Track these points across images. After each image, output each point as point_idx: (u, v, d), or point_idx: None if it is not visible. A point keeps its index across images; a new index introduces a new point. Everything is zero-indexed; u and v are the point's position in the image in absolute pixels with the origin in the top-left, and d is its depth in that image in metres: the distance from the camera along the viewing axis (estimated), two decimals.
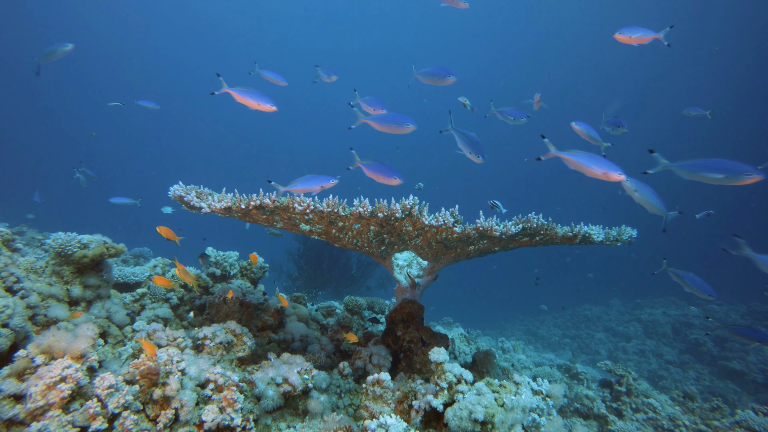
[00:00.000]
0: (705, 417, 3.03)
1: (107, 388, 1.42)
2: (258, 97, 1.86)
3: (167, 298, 2.68)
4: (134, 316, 2.47)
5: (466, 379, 1.58)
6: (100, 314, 2.17)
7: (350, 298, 3.38)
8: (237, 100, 1.88)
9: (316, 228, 2.03)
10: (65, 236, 2.11)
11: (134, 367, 1.52)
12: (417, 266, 2.49)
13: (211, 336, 1.93)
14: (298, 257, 7.19)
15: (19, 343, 1.62)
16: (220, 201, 1.87)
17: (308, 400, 1.84)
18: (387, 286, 7.27)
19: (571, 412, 2.98)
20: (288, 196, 1.83)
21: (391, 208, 1.80)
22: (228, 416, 1.54)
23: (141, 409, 1.49)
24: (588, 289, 14.22)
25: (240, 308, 2.32)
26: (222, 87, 1.86)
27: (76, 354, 1.45)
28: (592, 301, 9.97)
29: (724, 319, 7.11)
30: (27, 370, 1.41)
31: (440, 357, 1.66)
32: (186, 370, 1.64)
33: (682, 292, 9.40)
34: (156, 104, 4.34)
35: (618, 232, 2.06)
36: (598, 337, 7.56)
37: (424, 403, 1.58)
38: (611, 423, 2.82)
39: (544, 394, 1.72)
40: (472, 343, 3.84)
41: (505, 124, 2.75)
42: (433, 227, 1.90)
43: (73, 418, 1.35)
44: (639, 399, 3.10)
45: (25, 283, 1.90)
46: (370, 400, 1.73)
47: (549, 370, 3.82)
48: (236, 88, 1.87)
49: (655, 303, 8.77)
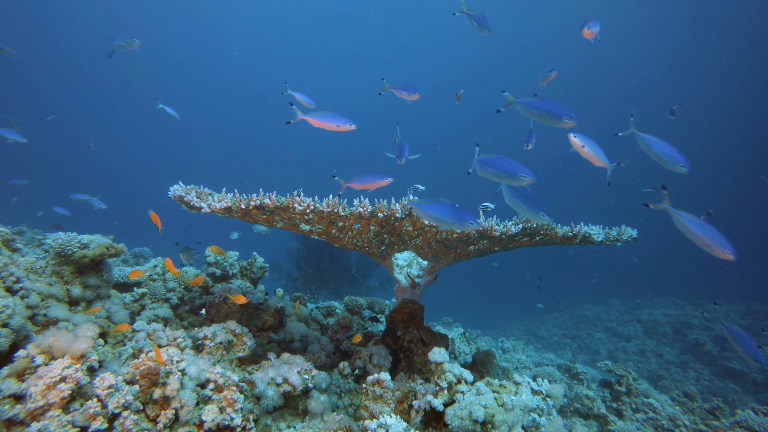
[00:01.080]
0: (705, 417, 3.03)
1: (107, 388, 1.42)
2: (335, 119, 1.86)
3: (167, 298, 2.68)
4: (134, 316, 2.47)
5: (466, 379, 1.58)
6: (100, 314, 2.17)
7: (350, 298, 3.38)
8: (314, 125, 1.89)
9: (316, 228, 2.03)
10: (65, 236, 2.11)
11: (134, 367, 1.52)
12: (417, 266, 2.49)
13: (211, 336, 1.93)
14: (298, 257, 7.19)
15: (19, 343, 1.62)
16: (220, 201, 1.87)
17: (308, 400, 1.84)
18: (387, 286, 7.27)
19: (571, 412, 2.98)
20: (287, 196, 1.83)
21: (391, 208, 1.80)
22: (228, 416, 1.54)
23: (141, 409, 1.49)
24: (588, 289, 14.22)
25: (240, 308, 2.32)
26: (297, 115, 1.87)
27: (77, 354, 1.45)
28: (592, 301, 9.97)
29: (724, 318, 7.10)
30: (27, 370, 1.41)
31: (440, 357, 1.66)
32: (186, 370, 1.64)
33: (682, 292, 9.36)
34: (177, 115, 4.31)
35: (618, 232, 2.06)
36: (598, 337, 7.56)
37: (424, 403, 1.58)
38: (611, 423, 2.82)
39: (544, 394, 1.72)
40: (472, 343, 3.84)
41: (506, 123, 2.75)
42: (433, 227, 1.90)
43: (73, 418, 1.35)
44: (639, 399, 3.10)
45: (25, 283, 1.90)
46: (370, 400, 1.73)
47: (549, 370, 3.82)
48: (312, 113, 1.88)
49: (655, 303, 8.77)
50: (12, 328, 1.60)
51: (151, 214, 2.01)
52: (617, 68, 22.50)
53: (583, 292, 12.75)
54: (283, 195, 1.84)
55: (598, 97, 25.32)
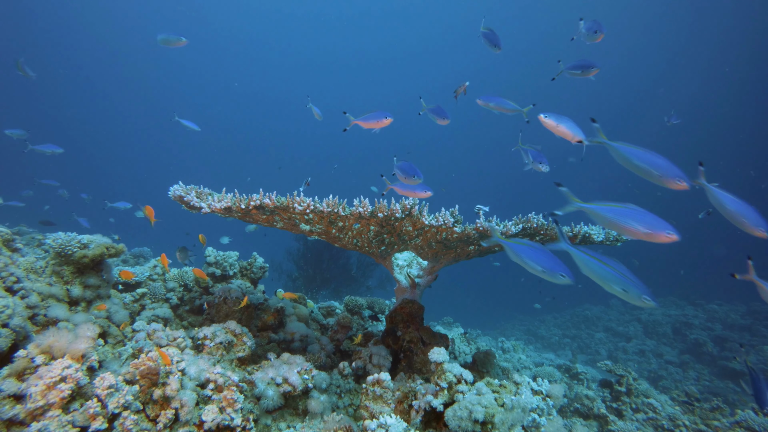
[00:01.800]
0: (705, 417, 3.03)
1: (107, 388, 1.42)
2: (377, 117, 1.99)
3: (167, 298, 2.68)
4: (134, 316, 2.47)
5: (466, 379, 1.58)
6: (100, 314, 2.17)
7: (350, 298, 3.37)
8: (365, 126, 2.03)
9: (316, 228, 2.03)
10: (65, 236, 2.11)
11: (134, 367, 1.52)
12: (417, 266, 2.49)
13: (211, 336, 1.93)
14: (298, 257, 7.19)
15: (19, 343, 1.62)
16: (220, 201, 1.87)
17: (308, 400, 1.84)
18: (387, 286, 7.27)
19: (571, 412, 2.98)
20: (287, 196, 1.83)
21: (391, 208, 1.80)
22: (228, 416, 1.54)
23: (141, 409, 1.49)
24: (588, 288, 14.20)
25: (240, 308, 2.32)
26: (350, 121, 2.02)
27: (77, 354, 1.45)
28: (592, 301, 9.97)
29: (724, 318, 7.11)
30: (27, 370, 1.41)
31: (440, 357, 1.66)
32: (186, 370, 1.64)
33: (682, 292, 9.34)
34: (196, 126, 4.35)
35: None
36: (598, 337, 7.56)
37: (424, 403, 1.58)
38: (611, 423, 2.82)
39: (544, 394, 1.72)
40: (472, 343, 3.83)
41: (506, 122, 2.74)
42: (433, 227, 1.90)
43: (73, 418, 1.35)
44: (639, 399, 3.10)
45: (25, 283, 1.90)
46: (370, 400, 1.73)
47: (549, 370, 3.82)
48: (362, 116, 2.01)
49: None
50: (12, 328, 1.60)
51: (146, 208, 2.03)
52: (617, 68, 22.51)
53: (583, 292, 12.74)
54: (283, 195, 1.84)
55: (597, 97, 25.34)
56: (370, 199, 1.82)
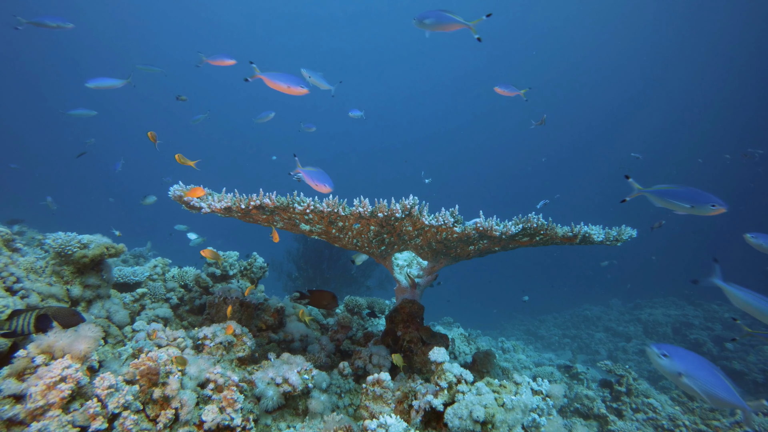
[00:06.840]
0: (705, 417, 3.03)
1: (107, 388, 1.42)
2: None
3: (167, 298, 2.68)
4: (134, 316, 2.47)
5: (466, 379, 1.58)
6: (100, 314, 2.17)
7: (350, 298, 3.37)
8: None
9: (316, 228, 2.03)
10: (65, 236, 2.11)
11: (134, 367, 1.52)
12: (417, 266, 2.49)
13: (211, 336, 1.93)
14: (298, 257, 7.20)
15: (19, 343, 1.62)
16: (220, 201, 1.87)
17: (308, 400, 1.84)
18: (387, 286, 7.28)
19: (571, 412, 2.98)
20: (288, 196, 1.83)
21: (391, 208, 1.80)
22: (228, 416, 1.54)
23: (141, 409, 1.49)
24: (588, 289, 14.22)
25: (240, 308, 2.32)
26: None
27: (77, 354, 1.45)
28: (592, 301, 9.98)
29: (724, 318, 7.11)
30: (27, 370, 1.41)
31: (440, 357, 1.66)
32: (186, 370, 1.63)
33: (682, 292, 9.34)
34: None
35: (618, 232, 2.06)
36: (598, 337, 7.56)
37: (424, 403, 1.58)
38: (611, 423, 2.82)
39: (544, 394, 1.71)
40: (472, 343, 3.84)
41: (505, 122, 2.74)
42: (433, 227, 1.90)
43: (73, 418, 1.35)
44: (639, 399, 3.10)
45: (25, 283, 1.90)
46: (370, 400, 1.73)
47: (549, 370, 3.82)
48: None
49: (655, 303, 8.77)
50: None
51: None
52: (616, 68, 22.51)
53: (582, 292, 12.75)
54: (283, 195, 1.84)
55: (595, 96, 25.33)
56: (370, 199, 1.82)
